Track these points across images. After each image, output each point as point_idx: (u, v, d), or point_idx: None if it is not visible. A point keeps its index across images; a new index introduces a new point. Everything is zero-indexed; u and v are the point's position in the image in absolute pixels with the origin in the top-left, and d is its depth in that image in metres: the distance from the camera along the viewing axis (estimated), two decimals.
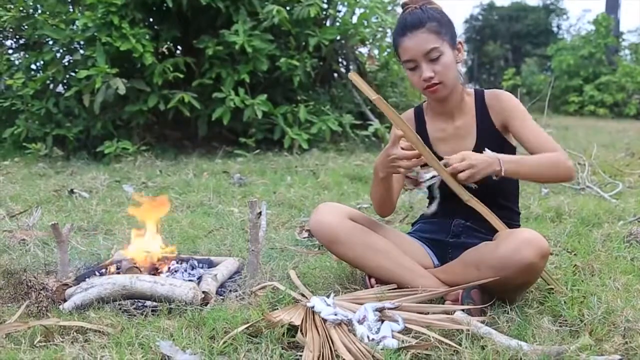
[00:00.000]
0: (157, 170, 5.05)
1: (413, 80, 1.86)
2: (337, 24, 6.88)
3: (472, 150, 1.90)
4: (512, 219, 1.96)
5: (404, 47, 1.83)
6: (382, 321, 1.59)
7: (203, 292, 1.86)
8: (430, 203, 1.93)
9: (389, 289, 1.81)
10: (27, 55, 6.36)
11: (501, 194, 1.95)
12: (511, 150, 1.93)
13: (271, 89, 6.41)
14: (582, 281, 1.94)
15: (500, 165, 1.70)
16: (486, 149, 1.75)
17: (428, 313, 1.66)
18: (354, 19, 6.84)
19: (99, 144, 5.86)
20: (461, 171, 1.69)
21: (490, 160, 1.71)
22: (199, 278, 2.02)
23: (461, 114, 1.95)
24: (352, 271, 2.10)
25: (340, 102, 6.95)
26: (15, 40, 6.70)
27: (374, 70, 7.45)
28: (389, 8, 7.37)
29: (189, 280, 1.96)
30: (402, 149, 1.72)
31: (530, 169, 1.79)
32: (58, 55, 6.18)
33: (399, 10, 1.97)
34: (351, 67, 7.49)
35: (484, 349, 1.46)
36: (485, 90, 1.97)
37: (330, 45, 6.58)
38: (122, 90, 5.56)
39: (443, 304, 1.76)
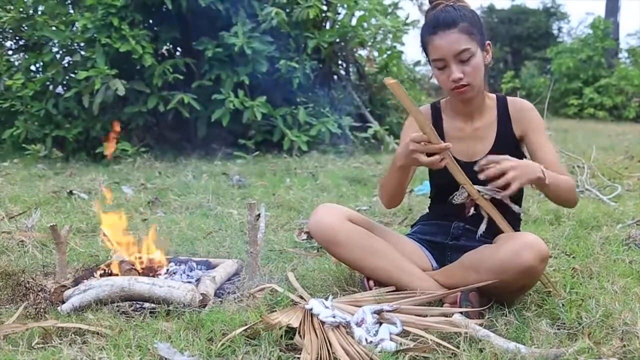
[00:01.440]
0: (156, 172, 5.05)
1: (440, 79, 1.83)
2: (337, 26, 6.90)
3: (487, 154, 1.87)
4: (513, 224, 1.95)
5: (434, 45, 1.78)
6: (380, 324, 1.59)
7: (201, 294, 1.86)
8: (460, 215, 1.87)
9: (388, 292, 1.81)
10: (26, 56, 6.37)
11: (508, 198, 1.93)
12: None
13: (270, 90, 6.42)
14: (581, 284, 1.94)
15: (543, 173, 1.66)
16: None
17: (426, 316, 1.65)
18: (353, 22, 6.85)
19: (98, 145, 5.86)
20: (503, 174, 1.61)
21: (532, 164, 1.67)
22: (198, 280, 2.02)
23: (481, 115, 1.94)
24: (350, 273, 2.10)
25: (339, 104, 6.96)
26: (15, 41, 6.71)
27: (373, 72, 7.46)
28: (389, 11, 7.38)
29: (187, 282, 1.96)
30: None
31: (560, 186, 1.74)
32: (58, 56, 6.19)
33: (399, 12, 1.95)
34: (350, 69, 7.51)
35: (482, 351, 1.46)
36: (508, 97, 1.96)
37: (329, 48, 6.59)
38: (121, 92, 5.57)
39: (441, 306, 1.76)
